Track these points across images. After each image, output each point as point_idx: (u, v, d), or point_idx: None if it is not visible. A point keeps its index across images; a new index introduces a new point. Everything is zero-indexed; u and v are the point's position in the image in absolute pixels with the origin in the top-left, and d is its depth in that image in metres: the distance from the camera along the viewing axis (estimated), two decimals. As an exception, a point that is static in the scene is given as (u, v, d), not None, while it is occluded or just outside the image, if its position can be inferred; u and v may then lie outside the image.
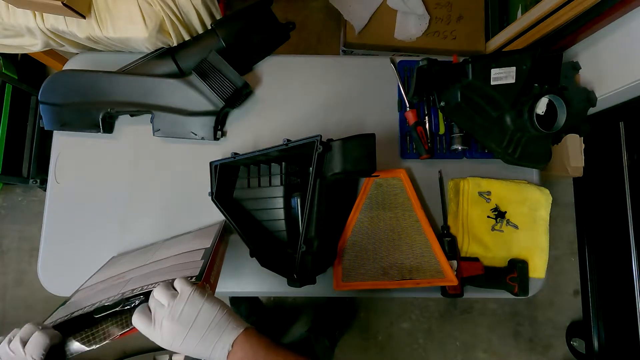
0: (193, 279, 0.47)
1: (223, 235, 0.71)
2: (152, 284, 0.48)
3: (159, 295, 0.44)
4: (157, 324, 0.42)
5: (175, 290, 0.44)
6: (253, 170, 0.74)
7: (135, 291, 0.48)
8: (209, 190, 0.71)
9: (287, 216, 0.71)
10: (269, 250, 0.71)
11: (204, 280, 0.48)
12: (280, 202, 0.71)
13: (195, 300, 0.43)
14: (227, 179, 0.73)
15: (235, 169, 0.75)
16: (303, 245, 0.64)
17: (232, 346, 0.42)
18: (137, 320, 0.43)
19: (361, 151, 0.61)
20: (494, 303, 1.46)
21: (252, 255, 0.70)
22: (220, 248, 0.64)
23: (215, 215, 0.76)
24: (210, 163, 0.72)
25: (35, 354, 0.41)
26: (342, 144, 0.61)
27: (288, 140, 0.65)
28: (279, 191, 0.71)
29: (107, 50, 0.82)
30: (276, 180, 0.71)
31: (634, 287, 1.12)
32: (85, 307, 0.48)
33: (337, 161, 0.61)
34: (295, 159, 0.72)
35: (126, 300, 0.47)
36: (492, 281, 0.75)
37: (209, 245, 0.60)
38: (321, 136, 0.61)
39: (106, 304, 0.47)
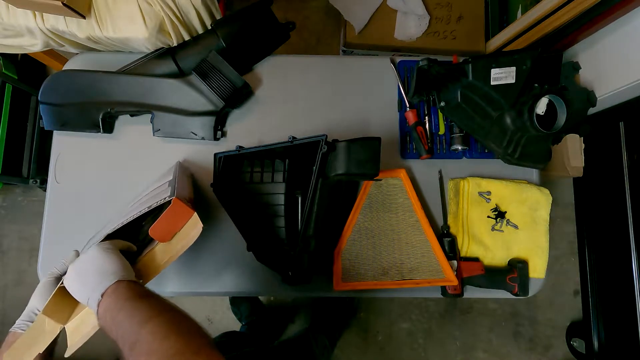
0: (166, 199, 0.56)
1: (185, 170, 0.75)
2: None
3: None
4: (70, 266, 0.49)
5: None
6: (256, 165, 0.74)
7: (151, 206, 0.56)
8: (210, 187, 0.71)
9: (287, 213, 0.71)
10: (267, 246, 0.71)
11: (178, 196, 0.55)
12: (281, 199, 0.71)
13: (95, 250, 0.48)
14: (229, 171, 0.73)
15: (238, 163, 0.75)
16: (300, 243, 0.64)
17: (103, 294, 0.43)
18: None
19: (366, 154, 0.61)
20: (494, 303, 1.46)
21: (249, 250, 0.70)
22: (183, 177, 0.69)
23: (215, 213, 0.76)
24: (215, 154, 0.72)
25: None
26: (347, 146, 0.61)
27: (293, 137, 0.65)
28: (281, 188, 0.71)
29: (107, 50, 0.82)
30: (279, 177, 0.72)
31: (634, 287, 1.12)
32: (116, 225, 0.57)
33: (341, 162, 0.61)
34: (299, 157, 0.72)
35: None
36: (492, 281, 0.75)
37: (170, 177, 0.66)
38: (327, 136, 0.61)
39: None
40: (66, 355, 0.48)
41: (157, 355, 0.33)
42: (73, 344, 0.48)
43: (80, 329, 0.49)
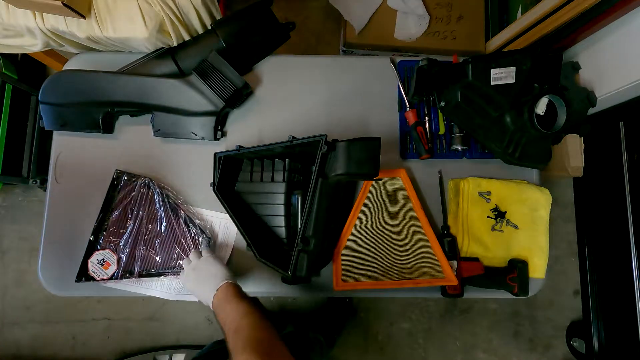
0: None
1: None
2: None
3: (191, 256, 0.68)
4: (185, 271, 0.66)
5: (201, 254, 0.68)
6: (256, 165, 0.74)
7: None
8: (210, 187, 0.71)
9: (287, 213, 0.71)
10: (266, 245, 0.71)
11: None
12: (281, 199, 0.71)
13: (209, 260, 0.65)
14: (230, 171, 0.73)
15: (238, 163, 0.75)
16: (300, 243, 0.64)
17: (217, 290, 0.61)
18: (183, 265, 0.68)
19: (365, 154, 0.61)
20: (494, 303, 1.45)
21: (248, 249, 0.70)
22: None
23: (214, 213, 0.76)
24: (215, 154, 0.72)
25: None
26: (346, 146, 0.61)
27: (293, 137, 0.65)
28: (281, 187, 0.71)
29: (107, 50, 0.82)
30: (279, 177, 0.72)
31: (634, 287, 1.12)
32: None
33: (341, 162, 0.61)
34: (299, 157, 0.72)
35: None
36: (492, 281, 0.75)
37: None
38: (326, 136, 0.61)
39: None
40: None
41: (251, 341, 0.49)
42: None
43: None
